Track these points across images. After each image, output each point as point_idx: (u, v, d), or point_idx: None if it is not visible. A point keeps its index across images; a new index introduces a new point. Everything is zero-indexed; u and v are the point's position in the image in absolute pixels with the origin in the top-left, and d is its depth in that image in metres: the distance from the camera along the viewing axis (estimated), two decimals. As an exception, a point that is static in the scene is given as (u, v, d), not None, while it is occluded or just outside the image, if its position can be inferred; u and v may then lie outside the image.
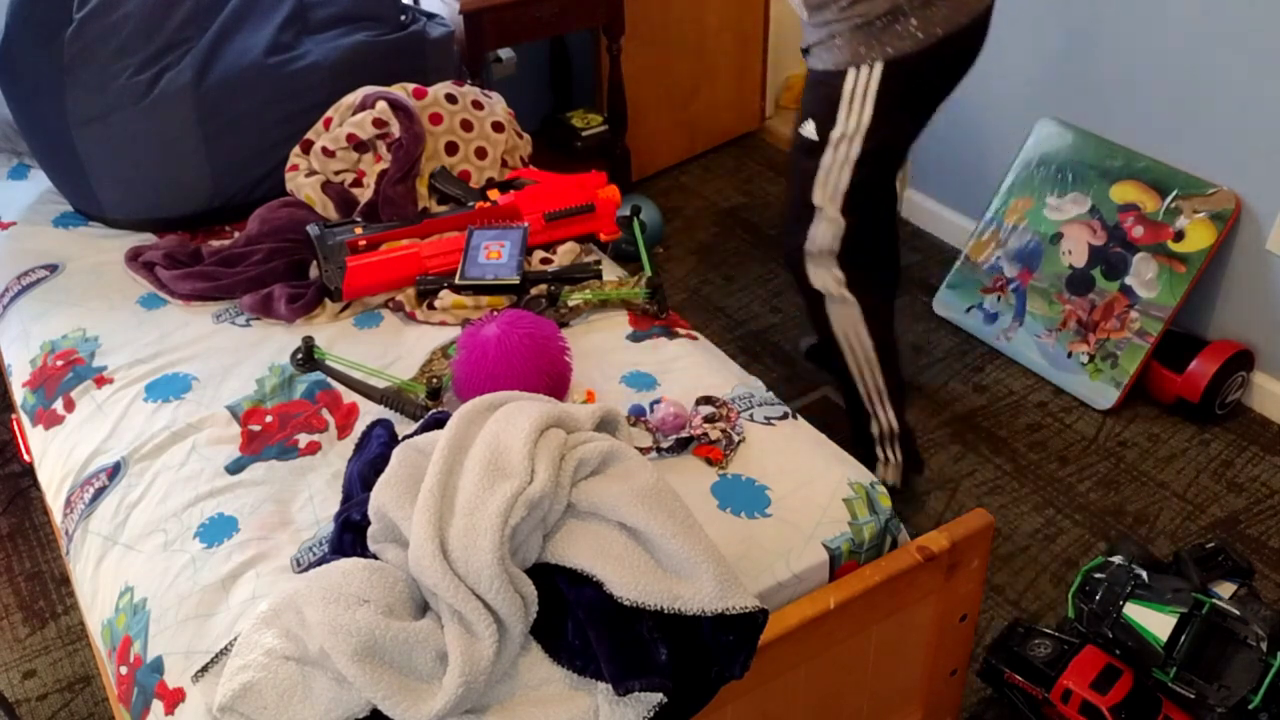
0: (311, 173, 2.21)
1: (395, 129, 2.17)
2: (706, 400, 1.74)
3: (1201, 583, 1.88)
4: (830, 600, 1.45)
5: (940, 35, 1.94)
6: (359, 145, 2.18)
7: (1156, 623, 1.81)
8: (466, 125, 2.27)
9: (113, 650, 1.50)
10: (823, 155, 2.04)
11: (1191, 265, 2.57)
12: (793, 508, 1.56)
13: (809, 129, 2.05)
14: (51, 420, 1.83)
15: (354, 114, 2.20)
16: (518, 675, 1.30)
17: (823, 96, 2.01)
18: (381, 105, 2.17)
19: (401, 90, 2.23)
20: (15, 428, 2.06)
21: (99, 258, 2.16)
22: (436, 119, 2.24)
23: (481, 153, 2.28)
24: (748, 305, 3.08)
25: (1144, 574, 1.87)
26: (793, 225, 2.15)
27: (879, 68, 1.94)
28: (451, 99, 2.27)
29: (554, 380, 1.69)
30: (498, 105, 2.35)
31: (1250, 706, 1.72)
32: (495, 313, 1.79)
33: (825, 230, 2.11)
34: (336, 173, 2.20)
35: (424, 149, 2.20)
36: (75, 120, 2.15)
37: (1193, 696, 1.76)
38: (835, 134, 2.01)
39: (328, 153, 2.18)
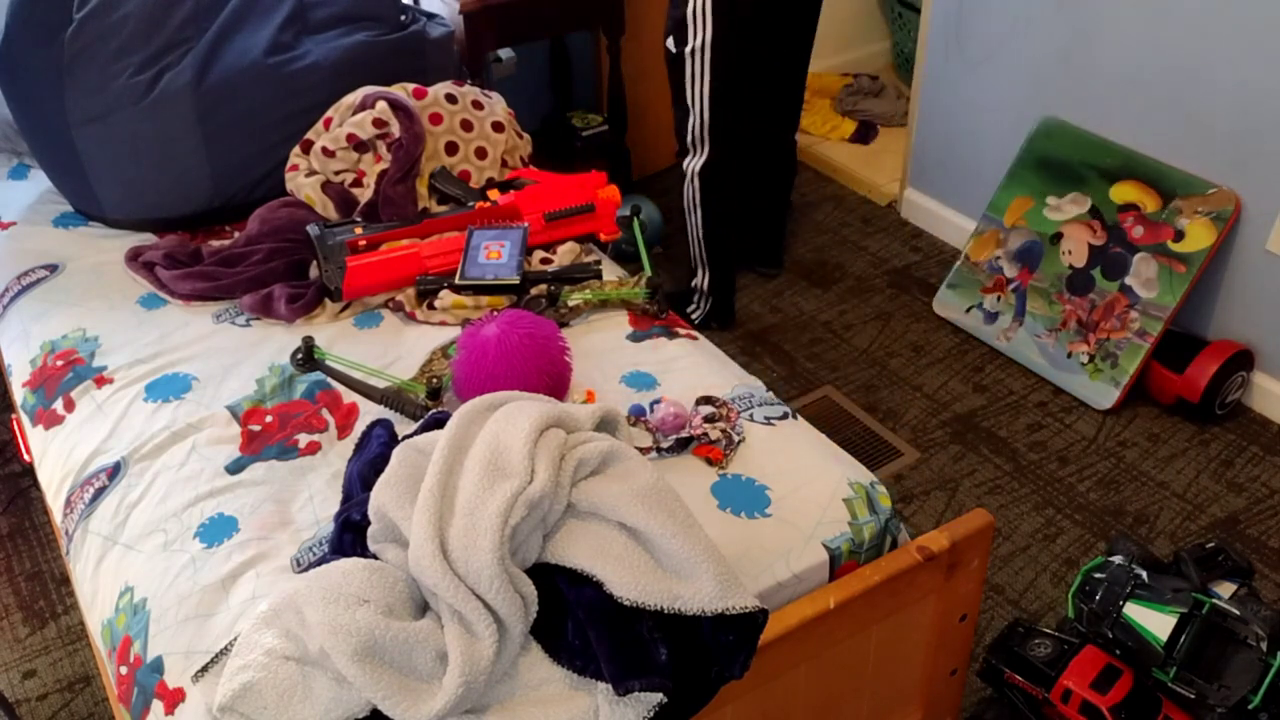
0: (311, 173, 2.21)
1: (395, 129, 2.17)
2: (706, 400, 1.74)
3: (1201, 583, 1.88)
4: (830, 600, 1.45)
5: None
6: (359, 145, 2.18)
7: (1156, 623, 1.81)
8: (466, 125, 2.27)
9: (113, 650, 1.50)
10: (684, 66, 2.59)
11: (1191, 265, 2.57)
12: (793, 508, 1.56)
13: (670, 43, 2.60)
14: (51, 420, 1.83)
15: (354, 114, 2.20)
16: (518, 675, 1.30)
17: (675, 17, 2.56)
18: (381, 105, 2.17)
19: (401, 90, 2.23)
20: (15, 428, 2.06)
21: (99, 258, 2.15)
22: (436, 119, 2.24)
23: (481, 153, 2.28)
24: (748, 305, 3.08)
25: (1144, 574, 1.87)
26: (678, 116, 2.71)
27: None
28: (451, 99, 2.27)
29: (554, 380, 1.69)
30: (498, 105, 2.35)
31: (1250, 706, 1.72)
32: (495, 313, 1.79)
33: (696, 125, 2.67)
34: (336, 173, 2.20)
35: (424, 149, 2.20)
36: (75, 120, 2.15)
37: (1193, 696, 1.76)
38: (688, 49, 2.55)
39: (328, 153, 2.18)
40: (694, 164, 2.74)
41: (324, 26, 2.32)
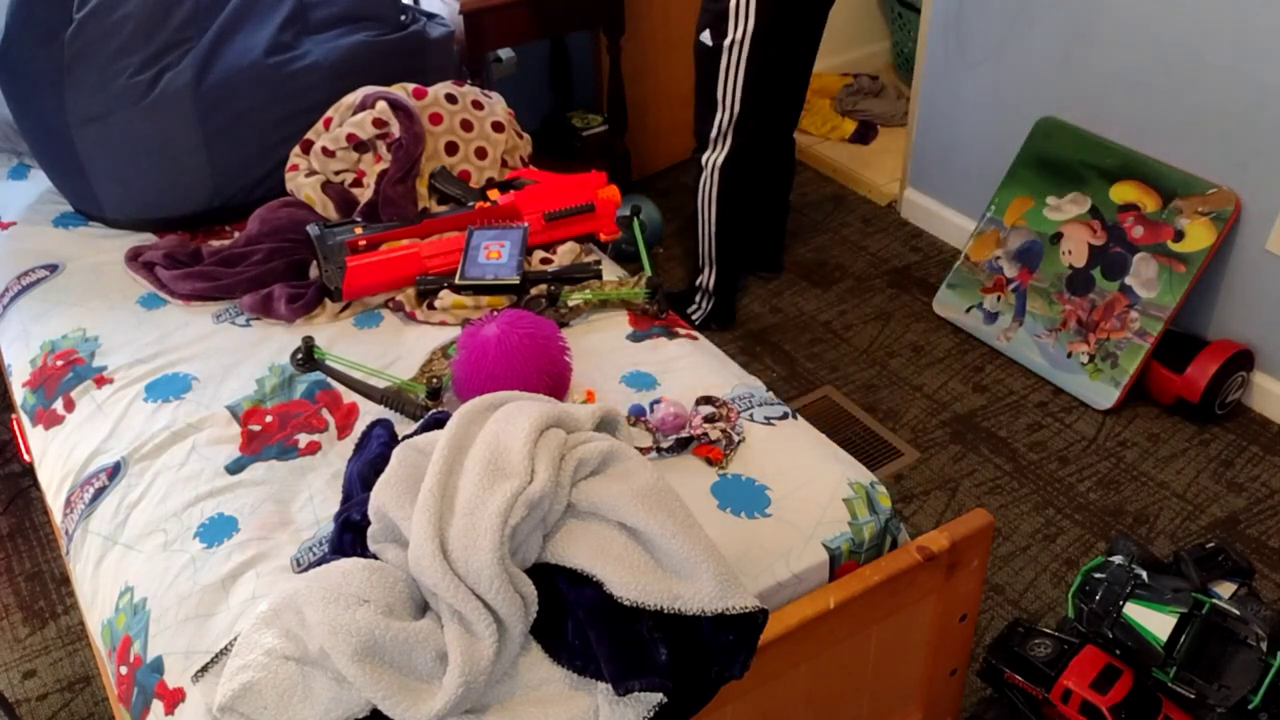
0: (311, 173, 2.21)
1: (395, 129, 2.17)
2: (706, 400, 1.74)
3: (1201, 583, 1.88)
4: (830, 600, 1.45)
5: None
6: (359, 145, 2.18)
7: (1156, 623, 1.81)
8: (466, 125, 2.27)
9: (113, 650, 1.50)
10: (719, 60, 2.59)
11: (1191, 265, 2.57)
12: (793, 508, 1.56)
13: (705, 37, 2.60)
14: (51, 420, 1.83)
15: (354, 114, 2.20)
16: (518, 675, 1.31)
17: (715, 10, 2.56)
18: (381, 105, 2.17)
19: (401, 90, 2.23)
20: (15, 428, 2.06)
21: (99, 258, 2.15)
22: (436, 119, 2.24)
23: (481, 153, 2.28)
24: (748, 305, 3.08)
25: (1144, 574, 1.87)
26: (702, 112, 2.71)
27: None
28: (451, 99, 2.27)
29: (554, 380, 1.69)
30: (498, 105, 2.35)
31: (1250, 706, 1.72)
32: (495, 313, 1.79)
33: (723, 119, 2.67)
34: (336, 173, 2.20)
35: (424, 149, 2.20)
36: (75, 120, 2.15)
37: (1193, 696, 1.76)
38: (726, 42, 2.56)
39: (328, 153, 2.18)
40: (715, 158, 2.73)
41: (324, 26, 2.32)
